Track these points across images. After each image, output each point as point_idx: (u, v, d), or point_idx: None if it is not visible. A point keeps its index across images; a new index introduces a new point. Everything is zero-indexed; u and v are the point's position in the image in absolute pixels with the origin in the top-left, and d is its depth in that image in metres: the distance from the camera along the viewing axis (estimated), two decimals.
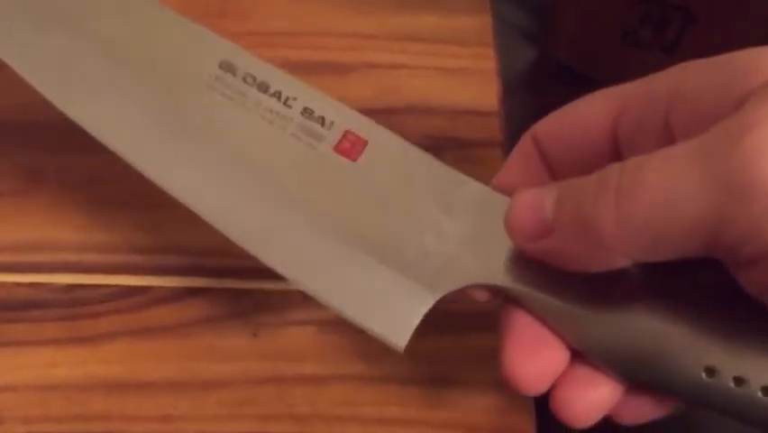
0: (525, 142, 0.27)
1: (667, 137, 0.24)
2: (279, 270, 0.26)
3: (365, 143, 0.27)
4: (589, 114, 0.26)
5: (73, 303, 0.31)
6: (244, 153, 0.27)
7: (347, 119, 0.27)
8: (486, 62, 0.36)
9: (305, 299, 0.31)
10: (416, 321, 0.25)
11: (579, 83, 0.39)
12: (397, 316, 0.25)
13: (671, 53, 0.35)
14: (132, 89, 0.28)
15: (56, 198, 0.33)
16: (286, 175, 0.27)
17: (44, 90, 0.28)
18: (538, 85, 0.40)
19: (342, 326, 0.31)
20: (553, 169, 0.27)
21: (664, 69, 0.24)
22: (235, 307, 0.31)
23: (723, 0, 0.33)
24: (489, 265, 0.25)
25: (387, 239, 0.26)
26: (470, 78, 0.36)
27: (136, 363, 0.30)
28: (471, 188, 0.27)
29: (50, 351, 0.30)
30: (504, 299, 0.26)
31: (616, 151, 0.25)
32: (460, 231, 0.26)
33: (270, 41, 0.37)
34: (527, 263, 0.25)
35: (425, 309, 0.25)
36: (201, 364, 0.30)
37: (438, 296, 0.26)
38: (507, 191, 0.26)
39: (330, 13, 0.37)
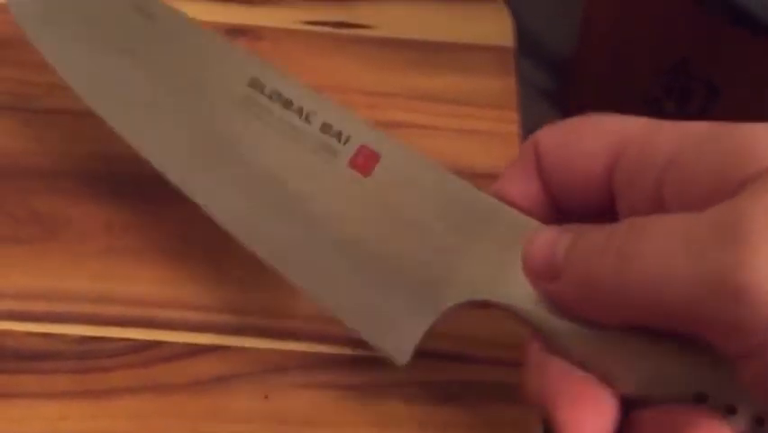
0: (527, 147, 0.27)
1: (657, 197, 0.24)
2: (291, 279, 0.28)
3: (378, 158, 0.28)
4: (592, 143, 0.25)
5: (85, 355, 0.31)
6: (263, 168, 0.28)
7: (363, 134, 0.28)
8: (508, 126, 0.36)
9: (324, 362, 0.31)
10: (418, 338, 0.26)
11: None
12: (400, 332, 0.26)
13: None
14: (169, 106, 0.30)
15: (74, 248, 0.32)
16: (301, 190, 0.28)
17: (91, 103, 0.30)
18: None
19: (365, 390, 0.30)
20: (545, 180, 0.27)
21: (670, 123, 0.24)
22: (248, 366, 0.30)
23: (745, 73, 0.33)
24: (493, 282, 0.26)
25: (394, 254, 0.27)
26: (491, 141, 0.36)
27: (145, 421, 0.29)
28: (484, 204, 0.27)
29: (59, 404, 0.30)
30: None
31: (609, 186, 0.25)
32: (467, 247, 0.26)
33: None
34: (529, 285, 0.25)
35: (427, 325, 0.26)
36: (209, 425, 0.29)
37: (441, 310, 0.26)
38: (505, 199, 0.27)
39: (352, 71, 0.37)
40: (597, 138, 0.25)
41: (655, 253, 0.22)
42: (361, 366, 0.31)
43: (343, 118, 0.28)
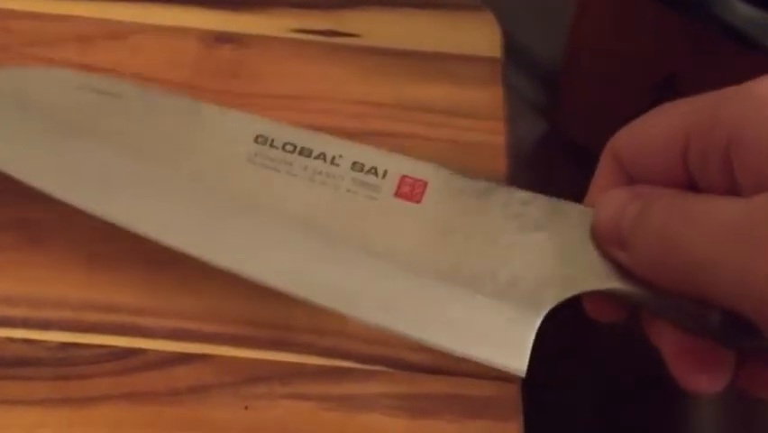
0: (606, 159, 0.27)
1: (728, 172, 0.24)
2: (374, 323, 0.26)
3: (425, 184, 0.27)
4: (663, 129, 0.25)
5: (65, 362, 0.30)
6: (303, 218, 0.27)
7: (400, 165, 0.27)
8: (496, 137, 0.35)
9: (305, 373, 0.30)
10: (529, 343, 0.25)
11: (588, 159, 0.39)
12: (508, 342, 0.25)
13: None
14: (168, 183, 0.28)
15: (57, 254, 0.32)
16: (352, 230, 0.26)
17: (80, 202, 0.28)
18: (546, 159, 0.39)
19: (345, 402, 0.29)
20: (634, 179, 0.26)
21: (730, 94, 0.24)
22: (227, 376, 0.30)
23: None
24: (585, 272, 0.25)
25: (473, 271, 0.26)
26: (478, 151, 0.35)
27: (123, 430, 0.29)
28: (540, 203, 0.26)
29: (38, 411, 0.29)
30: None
31: (687, 166, 0.25)
32: (542, 247, 0.26)
33: (280, 103, 0.36)
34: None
35: (533, 329, 0.25)
36: None
37: (543, 312, 0.25)
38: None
39: (341, 80, 0.36)
40: (666, 125, 0.25)
41: (703, 240, 0.22)
42: (342, 377, 0.30)
43: (374, 154, 0.27)
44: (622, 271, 0.25)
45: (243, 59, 0.37)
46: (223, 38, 0.37)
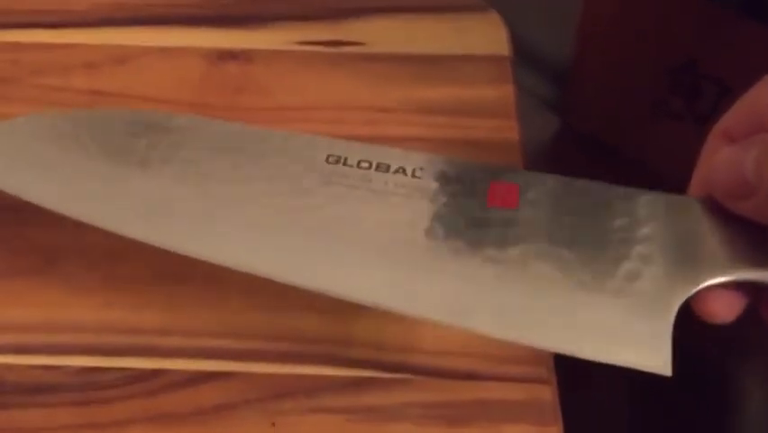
0: (714, 140, 0.24)
1: None
2: (500, 335, 0.23)
3: (517, 188, 0.24)
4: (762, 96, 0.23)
5: (87, 387, 0.28)
6: (396, 238, 0.24)
7: (485, 173, 0.24)
8: (508, 134, 0.34)
9: (331, 385, 0.28)
10: (668, 339, 0.22)
11: (602, 154, 0.37)
12: (646, 341, 0.22)
13: (704, 124, 0.33)
14: (248, 210, 0.25)
15: (74, 278, 0.30)
16: (455, 243, 0.24)
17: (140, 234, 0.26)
18: (560, 156, 0.38)
19: (374, 413, 0.28)
20: None
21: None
22: (252, 392, 0.28)
23: (757, 68, 0.31)
24: (708, 263, 0.23)
25: (591, 272, 0.23)
26: (492, 151, 0.33)
27: None
28: (645, 197, 0.24)
29: None
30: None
31: None
32: (661, 240, 0.23)
33: (287, 115, 0.34)
34: (746, 248, 0.23)
35: (669, 325, 0.22)
36: None
37: (676, 306, 0.22)
38: None
39: (349, 88, 0.35)
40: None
41: None
42: (369, 388, 0.28)
43: (455, 164, 0.25)
44: (747, 254, 0.22)
45: (249, 75, 0.35)
46: (227, 55, 0.36)
